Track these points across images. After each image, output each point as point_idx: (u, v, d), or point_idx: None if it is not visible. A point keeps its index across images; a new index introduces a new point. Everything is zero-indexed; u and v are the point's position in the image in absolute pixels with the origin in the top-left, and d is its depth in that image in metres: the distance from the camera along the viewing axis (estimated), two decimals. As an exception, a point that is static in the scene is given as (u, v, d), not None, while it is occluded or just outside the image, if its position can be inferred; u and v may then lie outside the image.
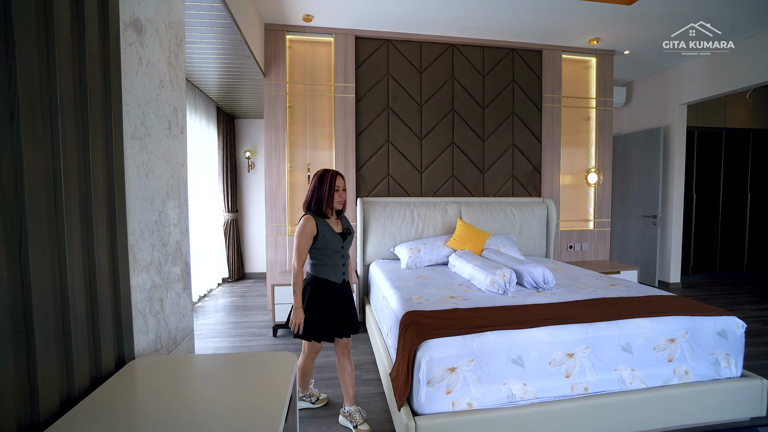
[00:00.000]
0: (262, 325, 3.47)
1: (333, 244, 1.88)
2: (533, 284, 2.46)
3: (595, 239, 4.31)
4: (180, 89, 1.50)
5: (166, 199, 1.37)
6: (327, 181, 1.88)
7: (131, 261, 1.13)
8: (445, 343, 1.67)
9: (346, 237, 1.96)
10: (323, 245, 1.87)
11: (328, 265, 1.90)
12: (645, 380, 1.89)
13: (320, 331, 1.88)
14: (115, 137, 1.05)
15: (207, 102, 4.51)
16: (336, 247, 1.89)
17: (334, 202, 1.90)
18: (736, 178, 5.32)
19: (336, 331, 1.91)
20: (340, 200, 1.92)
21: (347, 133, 3.66)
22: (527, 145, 4.07)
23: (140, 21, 1.22)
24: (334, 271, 1.91)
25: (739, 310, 3.85)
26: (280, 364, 1.07)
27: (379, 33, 3.71)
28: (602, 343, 1.85)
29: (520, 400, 1.74)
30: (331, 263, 1.90)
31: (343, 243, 1.93)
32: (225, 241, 5.16)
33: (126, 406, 0.89)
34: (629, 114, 5.44)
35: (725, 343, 1.98)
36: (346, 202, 1.99)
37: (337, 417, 2.04)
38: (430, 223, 3.57)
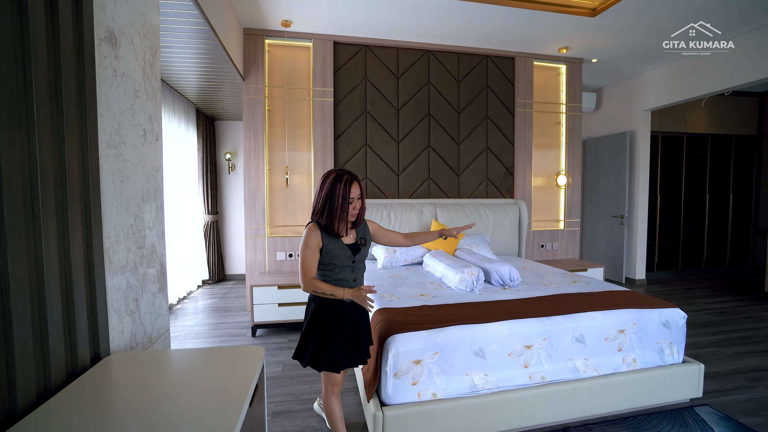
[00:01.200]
0: (241, 326, 3.52)
1: (340, 259, 1.59)
2: (500, 282, 2.60)
3: (565, 239, 4.51)
4: (155, 98, 1.57)
5: (142, 204, 1.44)
6: (340, 192, 1.55)
7: (107, 263, 1.19)
8: (411, 338, 1.78)
9: (359, 249, 1.65)
10: (328, 260, 1.59)
11: (336, 280, 1.60)
12: (597, 368, 2.04)
13: (326, 359, 1.56)
14: (90, 146, 1.11)
15: (186, 104, 4.51)
16: (344, 262, 1.60)
17: (348, 216, 1.59)
18: (696, 180, 5.65)
19: (344, 359, 1.58)
20: (354, 212, 1.61)
21: (326, 136, 3.75)
22: (500, 148, 4.24)
23: (115, 35, 1.29)
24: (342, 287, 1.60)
25: (695, 304, 4.11)
26: (248, 356, 1.16)
27: (356, 39, 3.80)
28: (558, 335, 1.99)
29: (481, 389, 1.87)
30: (340, 278, 1.61)
31: (354, 257, 1.62)
32: (205, 243, 5.16)
33: (100, 396, 0.97)
34: (599, 119, 5.69)
35: (669, 333, 2.16)
36: (364, 208, 1.68)
37: (311, 410, 2.13)
38: (406, 224, 3.69)
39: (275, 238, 3.72)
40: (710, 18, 3.42)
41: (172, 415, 0.88)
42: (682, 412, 2.08)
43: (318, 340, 1.58)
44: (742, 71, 3.77)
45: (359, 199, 1.62)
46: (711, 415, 2.05)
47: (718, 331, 3.28)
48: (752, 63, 3.69)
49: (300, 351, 1.63)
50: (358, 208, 1.61)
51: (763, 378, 2.46)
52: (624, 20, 3.46)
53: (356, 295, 1.53)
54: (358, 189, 1.60)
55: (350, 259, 1.61)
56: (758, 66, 3.64)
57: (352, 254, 1.62)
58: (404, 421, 1.73)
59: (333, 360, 1.57)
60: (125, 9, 1.36)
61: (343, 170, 1.61)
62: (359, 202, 1.62)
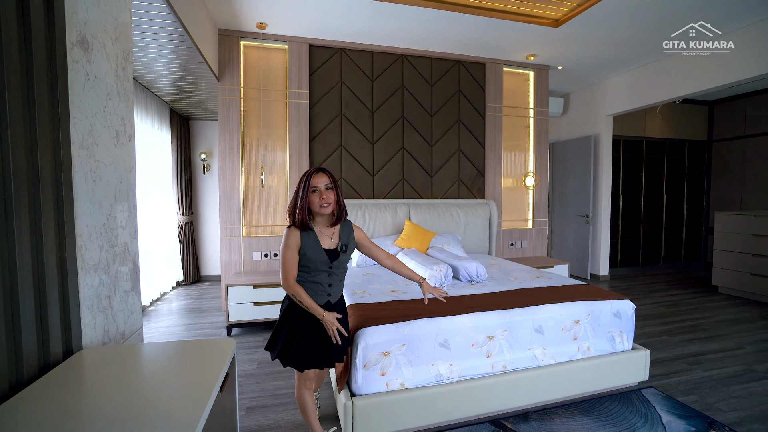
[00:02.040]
0: (216, 326, 3.53)
1: (316, 263, 1.59)
2: (468, 278, 2.74)
3: (533, 237, 4.73)
4: (127, 100, 1.60)
5: (114, 203, 1.47)
6: (302, 182, 1.56)
7: (79, 260, 1.23)
8: (379, 331, 1.88)
9: (338, 256, 1.62)
10: (304, 262, 1.59)
11: (311, 282, 1.62)
12: (554, 357, 2.20)
13: (291, 356, 1.60)
14: (62, 148, 1.15)
15: (159, 104, 4.45)
16: (320, 266, 1.60)
17: (314, 207, 1.57)
18: (654, 182, 6.02)
19: (309, 360, 1.60)
20: (323, 203, 1.56)
21: (301, 138, 3.80)
22: (472, 150, 4.40)
23: (87, 39, 1.32)
24: (316, 291, 1.62)
25: (651, 297, 4.40)
26: (220, 347, 1.22)
27: (332, 42, 3.87)
28: (518, 326, 2.13)
29: (446, 378, 1.98)
30: (315, 281, 1.62)
31: (332, 263, 1.61)
32: (179, 243, 5.09)
33: (72, 387, 1.01)
34: (567, 123, 5.97)
35: (619, 322, 2.34)
36: (344, 205, 1.63)
37: (285, 404, 2.19)
38: (380, 223, 3.79)
39: (251, 238, 3.74)
40: (657, 35, 3.69)
41: (143, 402, 0.93)
42: (630, 394, 2.27)
43: (288, 335, 1.61)
44: (692, 81, 4.08)
45: (328, 189, 1.57)
46: (655, 395, 2.25)
47: (668, 322, 3.54)
48: (698, 75, 3.99)
49: (271, 343, 1.67)
50: (327, 199, 1.56)
51: (702, 361, 2.70)
52: (585, 31, 3.68)
53: (326, 323, 1.57)
54: (326, 179, 1.58)
55: (327, 264, 1.60)
56: (704, 78, 3.95)
57: (329, 260, 1.61)
58: (373, 410, 1.82)
59: (298, 358, 1.59)
60: (97, 13, 1.39)
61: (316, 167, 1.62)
62: (328, 192, 1.57)
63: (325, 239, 1.62)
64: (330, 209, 1.58)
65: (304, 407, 1.72)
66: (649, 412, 2.08)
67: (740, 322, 3.53)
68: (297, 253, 1.58)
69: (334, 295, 1.68)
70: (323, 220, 1.64)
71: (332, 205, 1.59)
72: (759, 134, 5.54)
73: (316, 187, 1.57)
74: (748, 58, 3.58)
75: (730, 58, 3.71)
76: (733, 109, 5.88)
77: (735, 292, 4.47)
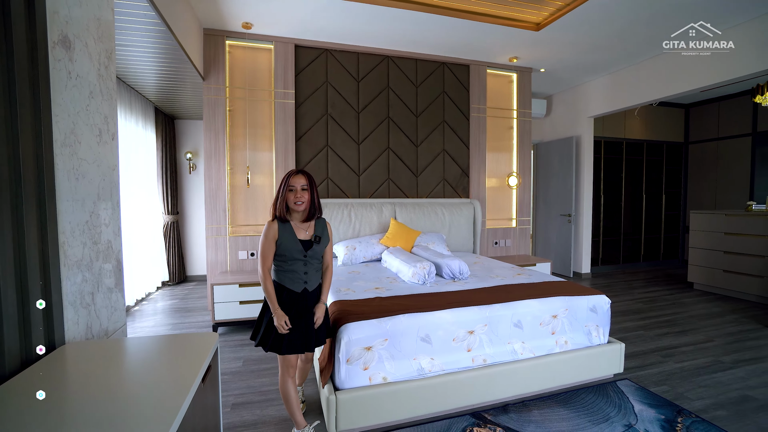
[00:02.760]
0: (202, 325, 3.52)
1: (292, 252, 1.75)
2: (450, 275, 2.80)
3: (517, 236, 4.83)
4: (110, 98, 1.61)
5: (98, 201, 1.48)
6: (283, 181, 1.77)
7: (62, 257, 1.24)
8: (362, 326, 1.92)
9: (312, 246, 1.79)
10: (281, 251, 1.75)
11: (288, 271, 1.77)
12: (533, 351, 2.27)
13: (272, 341, 1.74)
14: (45, 146, 1.17)
15: (144, 103, 4.41)
16: (296, 255, 1.76)
17: (290, 203, 1.76)
18: (634, 182, 6.20)
19: (287, 344, 1.72)
20: (297, 201, 1.74)
21: (287, 137, 3.82)
22: (456, 150, 4.48)
23: (69, 38, 1.34)
24: (293, 279, 1.78)
25: (630, 294, 4.54)
26: (202, 341, 1.25)
27: (318, 43, 3.90)
28: (498, 321, 2.20)
29: (428, 372, 2.03)
30: (292, 270, 1.77)
31: (306, 252, 1.77)
32: (165, 243, 5.05)
33: (54, 380, 1.03)
34: (550, 124, 6.11)
35: (596, 317, 2.43)
36: (318, 204, 1.82)
37: (270, 401, 2.22)
38: (366, 222, 3.83)
39: (237, 237, 3.74)
40: (629, 42, 3.82)
41: (124, 394, 0.96)
42: (605, 386, 2.36)
43: (269, 322, 1.76)
44: (669, 84, 4.23)
45: (303, 190, 1.75)
46: (629, 387, 2.34)
47: (645, 317, 3.67)
48: (675, 78, 4.15)
49: (254, 331, 1.83)
50: (301, 198, 1.74)
51: (674, 354, 2.82)
52: (564, 35, 3.79)
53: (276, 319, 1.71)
54: (303, 180, 1.76)
55: (302, 253, 1.77)
56: (684, 80, 4.10)
57: (304, 249, 1.77)
58: (356, 403, 1.86)
59: (277, 342, 1.74)
60: (79, 12, 1.41)
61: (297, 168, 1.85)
62: (303, 192, 1.75)
63: (300, 232, 1.80)
64: (303, 207, 1.76)
65: (287, 396, 1.80)
66: (622, 402, 2.17)
67: (712, 317, 3.67)
68: (274, 245, 1.75)
69: (311, 283, 1.81)
70: (298, 216, 1.82)
71: (305, 204, 1.77)
72: (731, 136, 5.76)
73: (294, 187, 1.75)
74: (726, 61, 3.73)
75: (713, 60, 3.86)
76: (708, 113, 6.10)
77: (708, 288, 4.65)
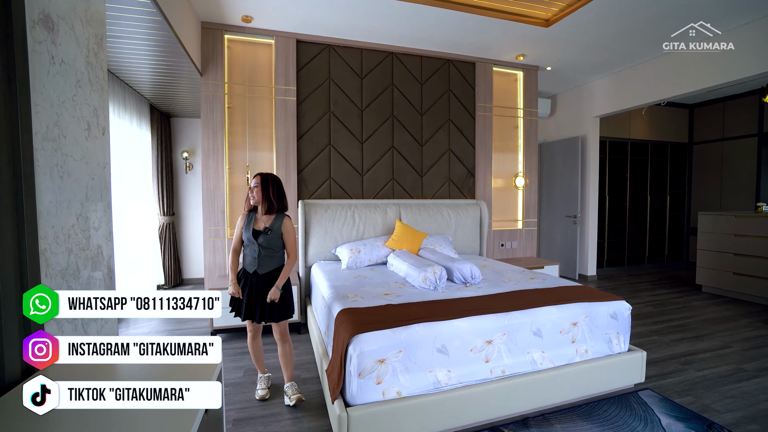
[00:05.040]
0: (200, 332, 3.36)
1: (246, 238, 2.18)
2: (462, 280, 2.67)
3: (523, 237, 4.71)
4: (101, 89, 1.46)
5: (86, 202, 1.33)
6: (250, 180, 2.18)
7: (43, 266, 1.09)
8: (374, 337, 1.78)
9: (260, 235, 2.14)
10: (242, 236, 2.21)
11: (246, 255, 2.21)
12: (553, 360, 2.15)
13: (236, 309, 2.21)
14: (22, 138, 1.02)
15: (139, 99, 4.24)
16: (248, 241, 2.17)
17: (248, 198, 2.19)
18: (639, 183, 6.12)
19: (243, 314, 2.17)
20: (251, 197, 2.16)
21: (288, 136, 3.67)
22: (462, 150, 4.35)
23: (51, 18, 1.19)
24: (248, 261, 2.19)
25: (638, 297, 4.44)
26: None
27: (320, 38, 3.76)
28: (517, 329, 2.07)
29: (445, 385, 1.90)
30: (247, 253, 2.19)
31: (256, 239, 2.13)
32: (160, 245, 4.87)
33: (26, 413, 0.88)
34: (554, 123, 6.01)
35: (616, 324, 2.31)
36: (274, 201, 2.17)
37: (273, 415, 2.07)
38: (370, 224, 3.69)
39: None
40: (635, 38, 3.72)
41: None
42: (627, 397, 2.24)
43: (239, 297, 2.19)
44: (678, 83, 4.14)
45: (255, 187, 2.15)
46: (652, 397, 2.22)
47: (657, 321, 3.56)
48: (680, 77, 4.05)
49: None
50: (254, 194, 2.15)
51: (693, 361, 2.71)
52: (574, 31, 3.68)
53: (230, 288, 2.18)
54: (257, 180, 2.17)
55: (251, 240, 2.15)
56: (689, 80, 4.01)
57: (254, 237, 2.14)
58: (369, 420, 1.72)
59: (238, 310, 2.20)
60: (65, -8, 1.26)
61: None
62: (255, 189, 2.15)
63: (260, 223, 2.19)
64: (255, 202, 2.17)
65: (255, 351, 2.32)
66: (648, 415, 2.05)
67: (725, 321, 3.58)
68: (241, 230, 2.21)
69: (262, 267, 2.16)
70: (261, 209, 2.19)
71: (256, 199, 2.16)
72: (736, 137, 5.69)
73: (250, 186, 2.19)
74: (730, 61, 3.64)
75: (717, 61, 3.78)
76: (712, 113, 6.03)
77: (718, 291, 4.56)
